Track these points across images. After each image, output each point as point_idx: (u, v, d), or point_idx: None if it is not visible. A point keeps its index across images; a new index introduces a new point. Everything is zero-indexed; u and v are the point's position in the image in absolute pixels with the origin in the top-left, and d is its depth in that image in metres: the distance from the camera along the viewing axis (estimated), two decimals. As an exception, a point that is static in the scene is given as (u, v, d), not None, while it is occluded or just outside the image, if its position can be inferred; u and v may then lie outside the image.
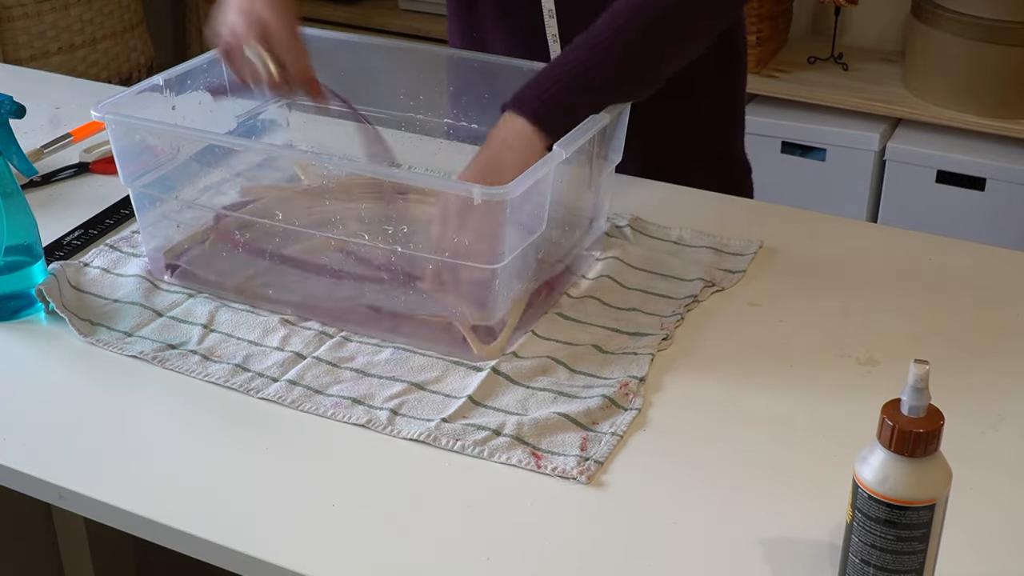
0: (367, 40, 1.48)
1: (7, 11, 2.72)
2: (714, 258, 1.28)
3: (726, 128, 1.52)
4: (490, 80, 1.23)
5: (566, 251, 1.23)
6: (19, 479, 1.00)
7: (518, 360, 1.11)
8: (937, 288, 1.25)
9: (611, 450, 1.00)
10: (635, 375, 1.09)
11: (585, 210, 1.26)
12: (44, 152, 1.54)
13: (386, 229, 1.11)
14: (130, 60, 3.00)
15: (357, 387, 1.08)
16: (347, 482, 0.98)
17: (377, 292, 1.16)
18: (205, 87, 1.33)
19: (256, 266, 1.22)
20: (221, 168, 1.23)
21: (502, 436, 1.01)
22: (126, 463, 1.00)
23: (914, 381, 0.79)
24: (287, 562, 0.89)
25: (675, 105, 1.40)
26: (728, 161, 1.53)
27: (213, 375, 1.10)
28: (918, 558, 0.81)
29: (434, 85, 1.46)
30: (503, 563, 0.89)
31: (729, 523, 0.93)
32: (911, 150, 2.60)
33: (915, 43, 2.65)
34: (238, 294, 1.21)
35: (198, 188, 1.24)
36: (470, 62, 1.40)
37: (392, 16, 3.21)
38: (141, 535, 0.96)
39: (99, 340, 1.15)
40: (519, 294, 1.14)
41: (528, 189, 1.05)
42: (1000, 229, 2.54)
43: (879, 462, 0.80)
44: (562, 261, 1.23)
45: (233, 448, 1.02)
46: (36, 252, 1.19)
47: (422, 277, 1.13)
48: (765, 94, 2.73)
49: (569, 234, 1.23)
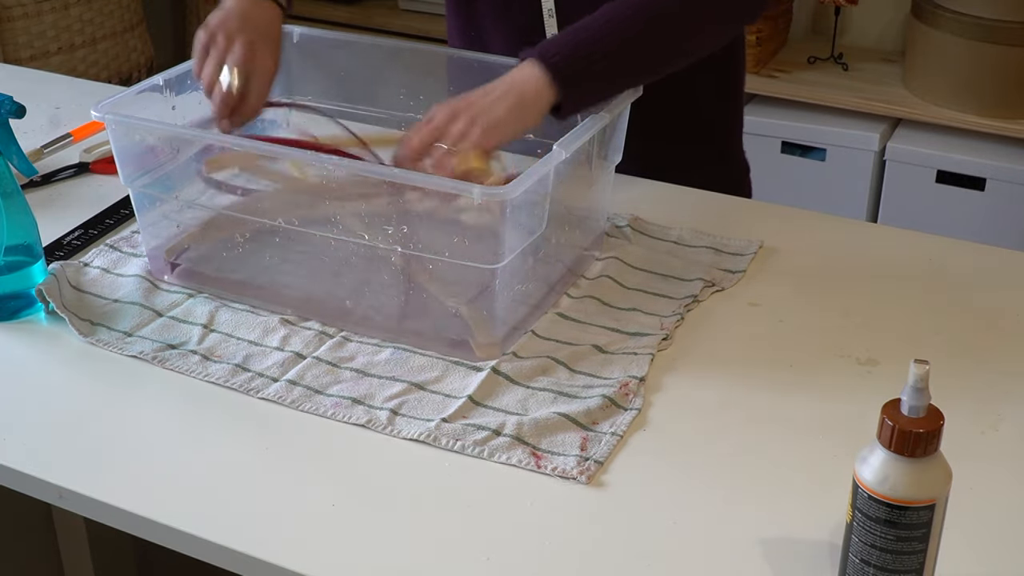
0: (367, 40, 1.48)
1: (7, 11, 2.72)
2: (714, 258, 1.29)
3: (726, 127, 1.52)
4: (490, 80, 1.23)
5: (566, 251, 1.23)
6: (19, 479, 1.00)
7: (518, 360, 1.11)
8: (937, 288, 1.25)
9: (611, 450, 1.00)
10: (635, 375, 1.09)
11: (585, 210, 1.26)
12: (44, 152, 1.54)
13: (386, 229, 1.11)
14: (130, 60, 3.00)
15: (357, 387, 1.08)
16: (347, 482, 0.98)
17: (377, 291, 1.16)
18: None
19: (256, 264, 1.22)
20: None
21: (502, 436, 1.01)
22: (126, 463, 1.01)
23: (914, 381, 0.79)
24: (287, 562, 0.89)
25: (675, 105, 1.40)
26: (727, 160, 1.53)
27: (213, 375, 1.10)
28: (918, 558, 0.81)
29: (434, 85, 1.45)
30: (503, 563, 0.89)
31: (729, 523, 0.93)
32: (911, 150, 2.60)
33: (915, 43, 2.65)
34: (238, 292, 1.21)
35: (198, 188, 1.24)
36: (470, 62, 1.40)
37: (392, 16, 3.21)
38: (141, 535, 0.96)
39: (99, 340, 1.15)
40: (519, 294, 1.15)
41: (528, 189, 1.05)
42: (1000, 229, 2.54)
43: (879, 462, 0.80)
44: (562, 261, 1.23)
45: (233, 448, 1.02)
46: (36, 252, 1.19)
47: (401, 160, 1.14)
48: (765, 94, 2.73)
49: (569, 234, 1.23)
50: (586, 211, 1.26)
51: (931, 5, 2.57)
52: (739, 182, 1.54)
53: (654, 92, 1.25)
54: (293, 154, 1.17)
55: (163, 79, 1.28)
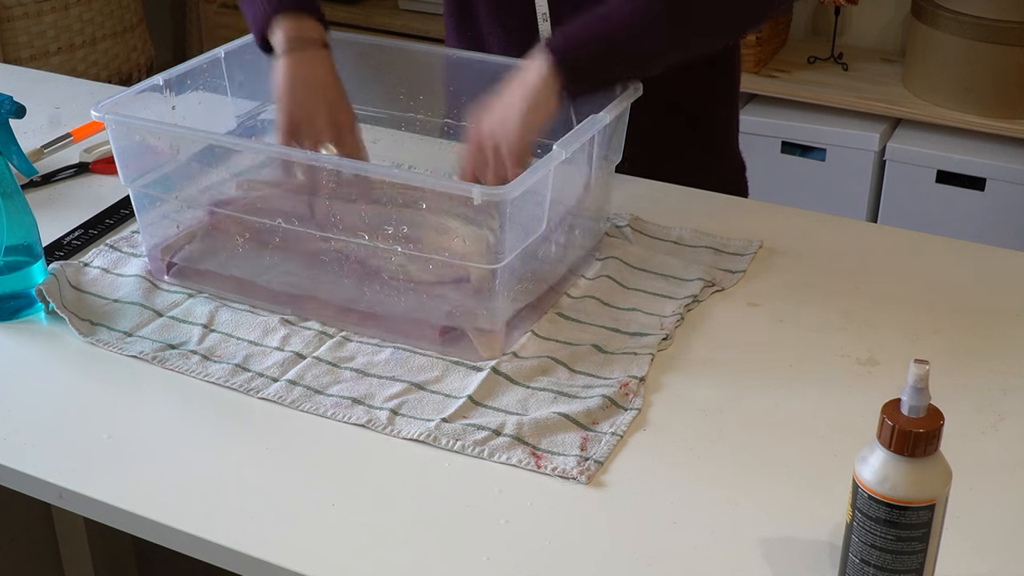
0: (367, 40, 1.48)
1: (7, 11, 2.72)
2: (714, 258, 1.29)
3: (725, 126, 1.53)
4: (490, 80, 1.23)
5: (566, 251, 1.23)
6: (19, 479, 1.00)
7: (518, 360, 1.11)
8: (937, 288, 1.25)
9: (611, 450, 1.00)
10: (635, 375, 1.09)
11: (585, 210, 1.26)
12: (44, 152, 1.54)
13: (386, 229, 1.11)
14: (130, 60, 3.00)
15: (357, 387, 1.08)
16: (347, 482, 0.98)
17: (378, 292, 1.16)
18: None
19: (254, 263, 1.22)
20: (221, 168, 1.23)
21: (502, 436, 1.01)
22: (126, 463, 1.00)
23: (914, 381, 0.79)
24: (287, 562, 0.89)
25: (674, 104, 1.40)
26: (726, 159, 1.54)
27: (213, 375, 1.10)
28: (918, 558, 0.81)
29: (434, 85, 1.46)
30: (503, 563, 0.89)
31: (729, 523, 0.93)
32: (911, 150, 2.60)
33: (915, 43, 2.65)
34: (236, 291, 1.21)
35: (198, 188, 1.24)
36: (469, 62, 1.40)
37: (392, 16, 3.21)
38: (141, 535, 0.96)
39: (99, 340, 1.15)
40: (519, 293, 1.15)
41: (528, 189, 1.05)
42: (1000, 229, 2.54)
43: (879, 462, 0.80)
44: (562, 261, 1.23)
45: (233, 448, 1.02)
46: (36, 252, 1.19)
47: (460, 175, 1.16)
48: (765, 94, 2.73)
49: (569, 234, 1.23)
50: (586, 211, 1.26)
51: (931, 5, 2.57)
52: (737, 180, 1.54)
53: (653, 91, 1.25)
54: (295, 155, 1.17)
55: (163, 79, 1.28)
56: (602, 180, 1.26)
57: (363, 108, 1.37)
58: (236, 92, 1.38)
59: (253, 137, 1.40)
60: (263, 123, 1.42)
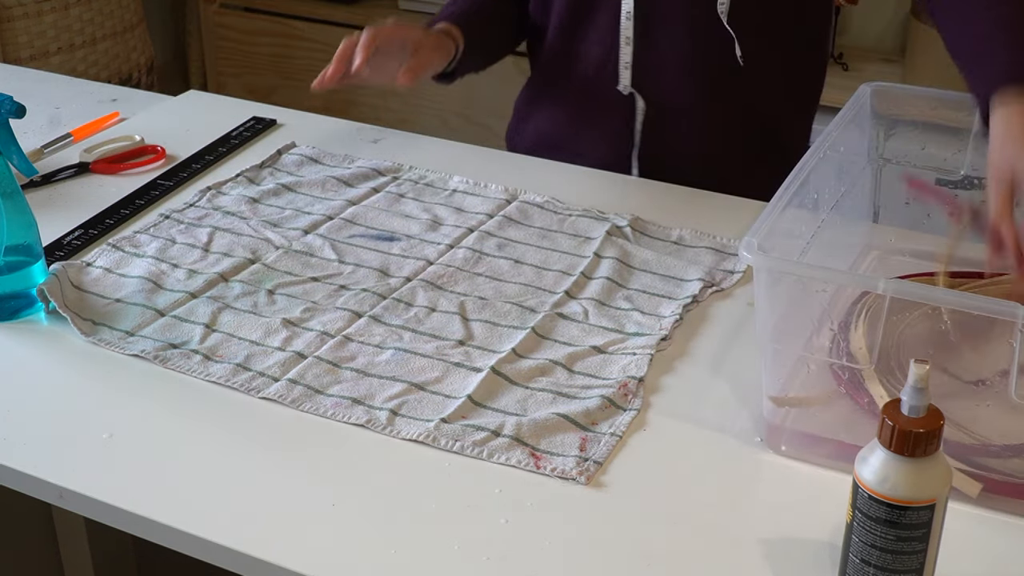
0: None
1: (7, 11, 2.72)
2: (714, 258, 1.29)
3: (803, 145, 1.53)
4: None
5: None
6: (19, 479, 1.00)
7: (517, 360, 1.11)
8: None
9: (610, 451, 1.00)
10: (634, 375, 1.09)
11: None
12: (44, 152, 1.54)
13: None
14: (130, 60, 3.00)
15: (357, 387, 1.08)
16: (347, 482, 0.98)
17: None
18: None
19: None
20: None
21: (501, 437, 1.01)
22: (126, 463, 1.01)
23: (914, 381, 0.79)
24: (287, 562, 0.89)
25: (761, 122, 1.46)
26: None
27: (214, 375, 1.10)
28: (918, 558, 0.81)
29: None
30: (503, 563, 0.90)
31: (729, 523, 0.93)
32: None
33: (915, 43, 2.65)
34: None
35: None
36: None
37: (392, 16, 3.20)
38: (141, 535, 0.96)
39: (101, 340, 1.15)
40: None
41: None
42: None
43: (879, 462, 0.80)
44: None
45: (233, 448, 1.02)
46: (36, 252, 1.19)
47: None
48: (765, 94, 2.73)
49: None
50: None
51: (931, 5, 2.57)
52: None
53: (744, 111, 1.31)
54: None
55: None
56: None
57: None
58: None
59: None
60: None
